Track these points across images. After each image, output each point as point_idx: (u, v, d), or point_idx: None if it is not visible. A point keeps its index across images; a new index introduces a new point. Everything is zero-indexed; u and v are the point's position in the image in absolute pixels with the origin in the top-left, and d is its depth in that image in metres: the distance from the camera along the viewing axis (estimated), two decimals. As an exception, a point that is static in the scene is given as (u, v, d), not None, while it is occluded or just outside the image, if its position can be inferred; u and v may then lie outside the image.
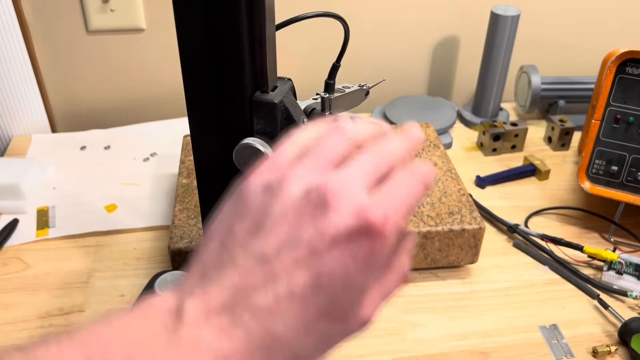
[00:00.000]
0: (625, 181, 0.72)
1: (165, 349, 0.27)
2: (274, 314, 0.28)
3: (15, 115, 0.90)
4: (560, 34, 1.05)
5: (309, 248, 0.28)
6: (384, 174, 0.32)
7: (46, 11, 0.89)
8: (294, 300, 0.28)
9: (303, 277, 0.28)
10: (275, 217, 0.29)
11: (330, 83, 0.43)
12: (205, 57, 0.37)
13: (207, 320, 0.28)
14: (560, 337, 0.61)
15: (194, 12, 0.36)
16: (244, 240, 0.30)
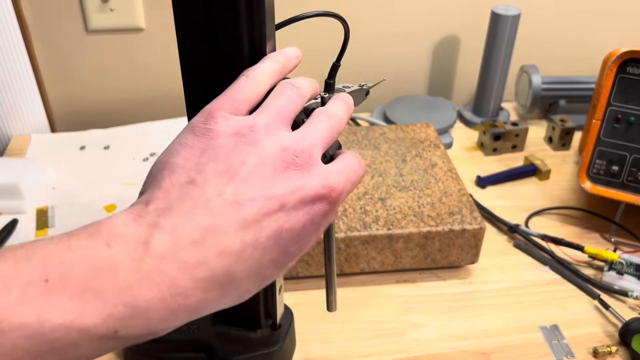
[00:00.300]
0: (626, 181, 0.72)
1: (128, 279, 0.28)
2: (239, 259, 0.30)
3: (15, 115, 0.90)
4: (561, 34, 1.05)
5: (280, 203, 0.31)
6: (333, 141, 0.36)
7: (46, 11, 0.88)
8: (257, 248, 0.31)
9: (269, 229, 0.31)
10: (250, 167, 0.31)
11: (330, 83, 0.43)
12: (205, 57, 0.37)
13: (174, 255, 0.29)
14: (560, 337, 0.60)
15: (193, 13, 0.36)
16: (216, 182, 0.31)
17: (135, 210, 0.31)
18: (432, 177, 0.71)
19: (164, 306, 0.28)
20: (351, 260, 0.65)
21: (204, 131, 0.33)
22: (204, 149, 0.32)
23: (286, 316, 0.54)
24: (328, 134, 0.35)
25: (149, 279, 0.28)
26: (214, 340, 0.52)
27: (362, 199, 0.67)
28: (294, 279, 0.66)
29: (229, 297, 0.31)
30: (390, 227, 0.64)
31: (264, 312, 0.51)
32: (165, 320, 0.29)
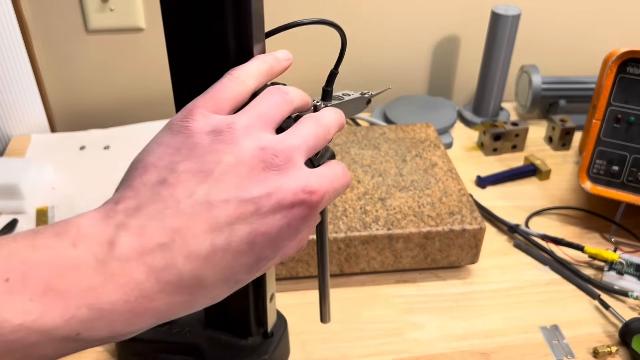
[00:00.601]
0: (626, 181, 0.72)
1: (91, 280, 0.27)
2: (208, 262, 0.29)
3: (15, 115, 0.90)
4: (561, 34, 1.05)
5: (255, 206, 0.30)
6: (318, 149, 0.35)
7: (45, 11, 0.88)
8: (228, 253, 0.29)
9: (242, 233, 0.29)
10: (225, 167, 0.30)
11: (328, 90, 0.42)
12: (192, 59, 0.36)
13: (139, 257, 0.28)
14: (560, 337, 0.60)
15: (181, 14, 0.35)
16: (188, 182, 0.30)
17: (104, 209, 0.30)
18: (432, 177, 0.71)
19: (128, 309, 0.28)
20: (351, 260, 0.65)
21: (181, 129, 0.31)
22: (178, 147, 0.31)
23: (279, 324, 0.53)
24: (313, 139, 0.34)
25: (113, 281, 0.27)
26: (205, 345, 0.51)
27: (362, 199, 0.67)
28: (294, 279, 0.66)
29: (199, 301, 0.30)
30: (390, 227, 0.64)
31: (255, 320, 0.50)
32: (130, 323, 0.28)
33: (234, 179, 0.30)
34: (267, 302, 0.49)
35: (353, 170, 0.72)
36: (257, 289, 0.47)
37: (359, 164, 0.73)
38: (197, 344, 0.51)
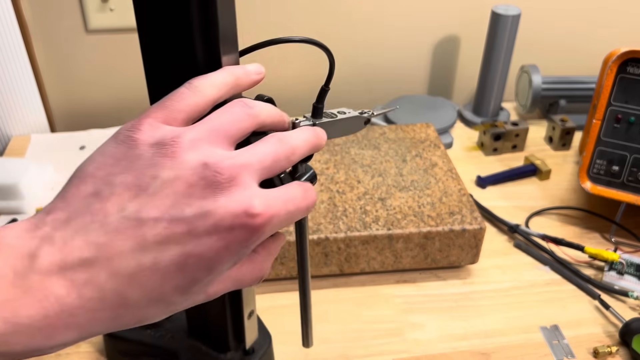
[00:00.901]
0: (627, 181, 0.72)
1: (8, 294, 0.26)
2: (133, 282, 0.28)
3: (14, 115, 0.90)
4: (561, 34, 1.04)
5: (188, 227, 0.28)
6: (279, 170, 0.32)
7: (45, 11, 0.88)
8: (156, 273, 0.28)
9: (172, 253, 0.28)
10: (162, 182, 0.28)
11: (319, 107, 0.39)
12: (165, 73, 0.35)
13: (60, 272, 0.27)
14: (561, 337, 0.60)
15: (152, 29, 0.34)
16: (121, 197, 0.28)
17: (35, 219, 0.28)
18: (432, 177, 0.71)
19: (48, 323, 0.26)
20: (351, 260, 0.65)
21: (125, 139, 0.30)
22: (119, 158, 0.29)
23: (262, 341, 0.52)
24: (271, 159, 0.31)
25: (31, 294, 0.26)
26: (184, 353, 0.51)
27: (362, 199, 0.67)
28: (294, 279, 0.66)
29: (125, 320, 0.29)
30: (390, 227, 0.63)
31: (233, 335, 0.49)
32: (50, 337, 0.27)
33: (169, 196, 0.28)
34: (244, 318, 0.48)
35: (353, 170, 0.72)
36: (234, 305, 0.46)
37: (359, 164, 0.73)
38: (176, 351, 0.51)
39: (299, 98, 0.88)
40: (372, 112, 0.41)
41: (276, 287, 0.65)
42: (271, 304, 0.63)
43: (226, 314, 0.47)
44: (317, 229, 0.63)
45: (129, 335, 0.53)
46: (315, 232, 0.62)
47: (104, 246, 0.27)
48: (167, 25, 0.33)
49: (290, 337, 0.56)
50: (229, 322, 0.48)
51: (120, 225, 0.28)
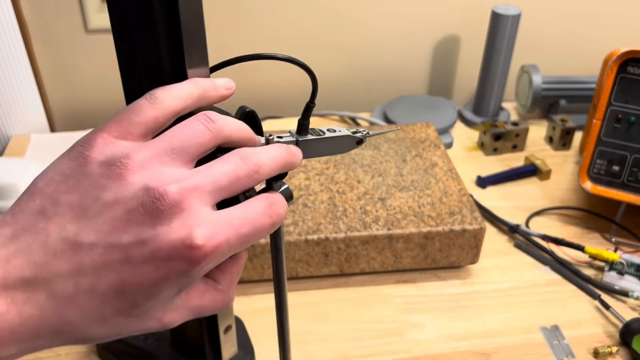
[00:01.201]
0: (627, 181, 0.72)
1: None
2: (72, 303, 0.27)
3: (14, 114, 0.89)
4: (562, 33, 1.04)
5: (124, 255, 0.27)
6: (239, 190, 0.30)
7: (45, 10, 0.88)
8: (94, 296, 0.27)
9: (108, 279, 0.27)
10: (102, 206, 0.27)
11: (304, 123, 0.36)
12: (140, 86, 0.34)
13: (1, 289, 0.26)
14: (561, 337, 0.60)
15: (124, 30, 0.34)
16: (63, 217, 0.28)
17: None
18: (432, 177, 0.71)
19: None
20: (351, 261, 0.65)
21: (77, 155, 0.29)
22: (68, 175, 0.29)
23: (242, 356, 0.52)
24: (228, 179, 0.29)
25: None
26: (164, 358, 0.51)
27: (362, 199, 0.67)
28: (294, 279, 0.66)
29: (69, 337, 0.28)
30: (390, 227, 0.63)
31: (211, 349, 0.48)
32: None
33: (107, 221, 0.27)
34: (220, 333, 0.47)
35: (353, 170, 0.72)
36: (209, 320, 0.46)
37: (359, 164, 0.73)
38: (157, 356, 0.51)
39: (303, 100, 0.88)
40: (367, 132, 0.38)
41: (273, 287, 0.65)
42: (268, 305, 0.63)
43: (202, 329, 0.47)
44: (317, 229, 0.63)
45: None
46: (315, 232, 0.62)
47: (43, 267, 0.27)
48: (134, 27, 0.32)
49: (291, 337, 0.56)
50: (205, 336, 0.47)
51: (59, 247, 0.27)
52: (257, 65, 0.94)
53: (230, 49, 0.94)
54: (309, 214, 0.65)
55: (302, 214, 0.65)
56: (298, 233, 0.62)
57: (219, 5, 0.91)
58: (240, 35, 0.94)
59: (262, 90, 1.00)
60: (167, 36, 0.32)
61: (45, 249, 0.27)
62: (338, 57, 0.99)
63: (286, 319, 0.43)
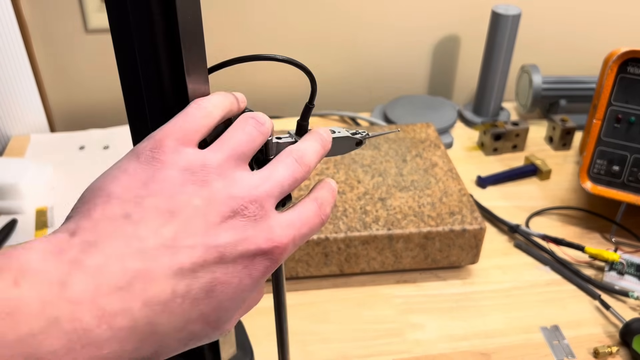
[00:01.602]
0: (627, 181, 0.72)
1: (32, 326, 0.24)
2: (165, 310, 0.27)
3: (14, 114, 0.89)
4: (562, 33, 1.04)
5: (219, 254, 0.28)
6: (296, 187, 0.33)
7: (45, 10, 0.88)
8: (187, 299, 0.28)
9: (203, 280, 0.28)
10: (194, 210, 0.29)
11: (303, 124, 0.37)
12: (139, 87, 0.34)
13: (93, 300, 0.25)
14: (561, 337, 0.60)
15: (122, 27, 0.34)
16: (154, 221, 0.28)
17: (57, 240, 0.27)
18: (433, 177, 0.71)
19: (71, 358, 0.25)
20: (351, 261, 0.65)
21: (150, 160, 0.29)
22: (146, 180, 0.29)
23: (241, 356, 0.51)
24: (289, 183, 0.32)
25: (58, 326, 0.24)
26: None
27: (362, 199, 0.67)
28: (294, 279, 0.66)
29: (146, 352, 0.28)
30: (390, 227, 0.63)
31: (209, 349, 0.47)
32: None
33: (201, 223, 0.28)
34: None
35: (353, 170, 0.72)
36: None
37: (359, 164, 0.73)
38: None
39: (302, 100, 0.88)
40: (367, 133, 0.39)
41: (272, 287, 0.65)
42: (267, 305, 0.63)
43: None
44: (317, 229, 0.63)
45: None
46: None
47: (140, 273, 0.26)
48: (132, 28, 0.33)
49: (291, 337, 0.56)
50: None
51: (157, 251, 0.27)
52: (256, 66, 0.94)
53: (230, 49, 0.94)
54: (309, 214, 0.65)
55: (302, 214, 0.65)
56: (298, 233, 0.62)
57: (219, 6, 0.91)
58: (239, 35, 0.94)
59: (261, 90, 1.00)
60: (165, 38, 0.32)
61: (142, 255, 0.27)
62: (338, 57, 0.99)
63: (285, 319, 0.43)
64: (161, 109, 0.34)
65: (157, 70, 0.33)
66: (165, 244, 0.27)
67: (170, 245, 0.27)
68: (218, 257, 0.28)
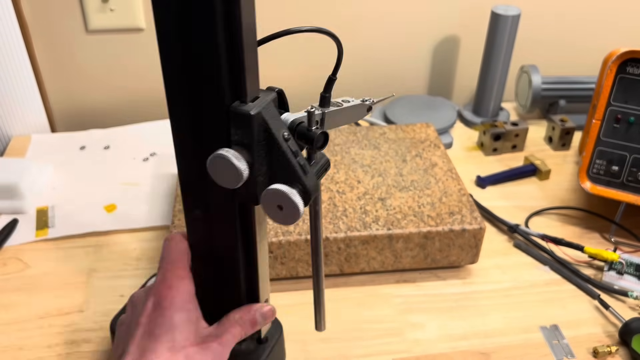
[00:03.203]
0: (626, 181, 0.72)
1: None
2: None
3: (15, 115, 0.90)
4: (561, 34, 1.05)
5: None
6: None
7: (46, 11, 0.88)
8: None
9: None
10: None
11: (326, 96, 0.41)
12: (182, 66, 0.36)
13: None
14: (560, 337, 0.60)
15: (171, 19, 0.35)
16: None
17: None
18: (432, 177, 0.71)
19: None
20: (351, 260, 0.65)
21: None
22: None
23: (274, 330, 0.53)
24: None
25: None
26: None
27: (362, 199, 0.67)
28: (294, 278, 0.66)
29: None
30: (390, 227, 0.64)
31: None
32: None
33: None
34: None
35: (353, 170, 0.72)
36: (251, 294, 0.47)
37: (359, 164, 0.74)
38: None
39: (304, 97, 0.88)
40: (373, 100, 0.43)
41: (276, 287, 0.65)
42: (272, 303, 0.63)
43: (242, 303, 0.47)
44: (317, 229, 0.63)
45: None
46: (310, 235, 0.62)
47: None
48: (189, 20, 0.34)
49: (291, 336, 0.57)
50: None
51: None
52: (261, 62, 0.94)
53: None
54: (309, 213, 0.65)
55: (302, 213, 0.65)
56: (298, 233, 0.62)
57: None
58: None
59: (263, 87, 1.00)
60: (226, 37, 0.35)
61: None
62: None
63: (322, 282, 0.45)
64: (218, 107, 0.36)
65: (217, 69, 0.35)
66: None
67: None
68: None
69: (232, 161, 0.36)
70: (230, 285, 0.45)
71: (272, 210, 0.38)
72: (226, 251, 0.43)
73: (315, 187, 0.38)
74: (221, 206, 0.41)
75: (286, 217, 0.37)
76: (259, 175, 0.38)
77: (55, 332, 0.60)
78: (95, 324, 0.60)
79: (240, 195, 0.39)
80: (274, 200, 0.37)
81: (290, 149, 0.37)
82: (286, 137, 0.37)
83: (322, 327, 0.47)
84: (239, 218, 0.41)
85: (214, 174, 0.37)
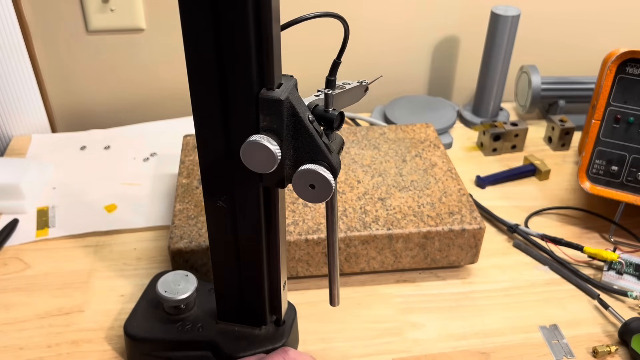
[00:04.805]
0: (626, 181, 0.72)
1: None
2: None
3: (15, 115, 0.90)
4: (561, 34, 1.05)
5: None
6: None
7: (46, 11, 0.89)
8: None
9: None
10: None
11: (332, 80, 0.43)
12: (211, 55, 0.37)
13: None
14: (560, 337, 0.61)
15: (201, 11, 0.36)
16: None
17: None
18: (432, 177, 0.71)
19: None
20: (351, 260, 0.65)
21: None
22: None
23: (290, 312, 0.55)
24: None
25: None
26: (219, 338, 0.52)
27: (362, 199, 0.67)
28: (294, 278, 0.66)
29: None
30: (390, 227, 0.64)
31: (269, 308, 0.52)
32: None
33: None
34: (280, 289, 0.50)
35: (353, 170, 0.72)
36: (272, 276, 0.48)
37: (359, 164, 0.74)
38: (211, 339, 0.52)
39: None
40: (366, 81, 0.47)
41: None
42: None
43: (264, 287, 0.48)
44: (317, 229, 0.63)
45: (157, 335, 0.53)
46: (315, 232, 0.63)
47: None
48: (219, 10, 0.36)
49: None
50: (266, 294, 0.50)
51: None
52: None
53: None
54: (309, 213, 0.65)
55: (302, 213, 0.65)
56: (298, 233, 0.62)
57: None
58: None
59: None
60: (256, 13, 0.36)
61: None
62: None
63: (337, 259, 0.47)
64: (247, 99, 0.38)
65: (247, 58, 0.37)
66: None
67: None
68: None
69: (268, 146, 0.38)
70: (253, 270, 0.46)
71: (303, 190, 0.40)
72: (251, 236, 0.45)
73: (339, 164, 0.41)
74: (246, 192, 0.43)
75: (319, 194, 0.40)
76: (286, 159, 0.40)
77: (56, 332, 0.60)
78: (95, 324, 0.60)
79: (268, 179, 0.41)
80: (306, 180, 0.39)
81: (316, 130, 0.39)
82: (311, 120, 0.40)
83: (337, 302, 0.48)
84: (264, 202, 0.43)
85: (247, 160, 0.39)
